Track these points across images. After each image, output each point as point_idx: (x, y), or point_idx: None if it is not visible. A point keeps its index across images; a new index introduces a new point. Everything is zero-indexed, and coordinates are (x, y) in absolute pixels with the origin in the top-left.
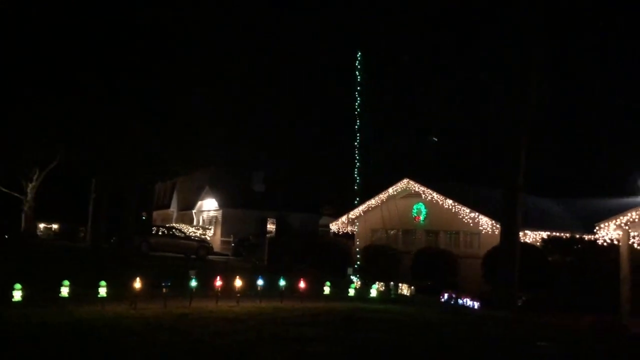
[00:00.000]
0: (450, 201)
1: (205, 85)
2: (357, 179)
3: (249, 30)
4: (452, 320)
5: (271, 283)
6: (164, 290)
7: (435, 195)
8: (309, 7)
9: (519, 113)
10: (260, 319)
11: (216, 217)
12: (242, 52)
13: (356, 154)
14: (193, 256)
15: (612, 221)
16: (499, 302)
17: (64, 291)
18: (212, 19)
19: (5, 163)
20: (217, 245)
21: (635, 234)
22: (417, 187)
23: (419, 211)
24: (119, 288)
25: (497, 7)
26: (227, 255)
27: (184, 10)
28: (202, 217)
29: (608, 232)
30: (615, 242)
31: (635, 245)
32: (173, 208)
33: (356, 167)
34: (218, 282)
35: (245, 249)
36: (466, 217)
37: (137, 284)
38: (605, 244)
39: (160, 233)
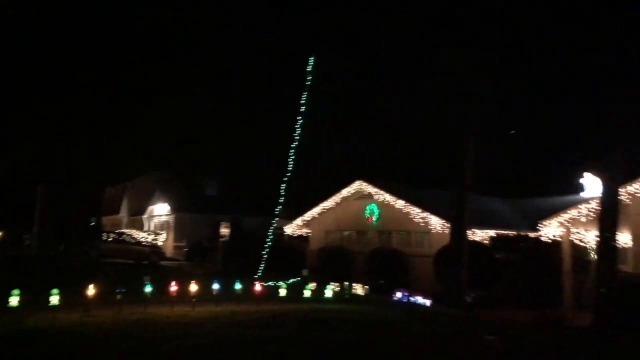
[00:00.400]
0: (401, 202)
1: (154, 91)
2: (288, 183)
3: (207, 29)
4: (406, 318)
5: (227, 287)
6: (118, 296)
7: (387, 196)
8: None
9: (464, 115)
10: (217, 323)
11: (168, 222)
12: (200, 55)
13: (293, 157)
14: (145, 262)
15: (554, 219)
16: (450, 299)
17: (14, 300)
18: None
19: None
20: (169, 250)
21: (576, 230)
22: (369, 188)
23: (372, 212)
24: (70, 296)
25: (438, 9)
26: (179, 260)
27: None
28: (154, 222)
29: (551, 230)
30: (558, 239)
31: (576, 241)
32: (123, 213)
33: (289, 172)
34: (173, 287)
35: (198, 253)
36: (417, 217)
37: (91, 290)
38: (548, 240)
39: (110, 239)
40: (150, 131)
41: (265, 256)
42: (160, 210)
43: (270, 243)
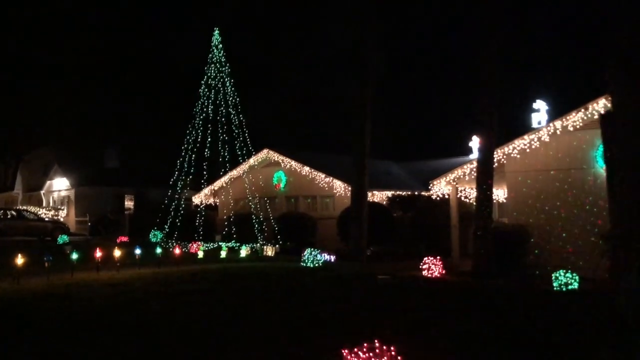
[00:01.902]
0: (307, 168)
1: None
2: (193, 154)
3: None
4: (312, 268)
5: (145, 254)
6: (46, 264)
7: (294, 164)
8: None
9: (361, 86)
10: (143, 282)
11: (68, 196)
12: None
13: (196, 128)
14: (48, 238)
15: (443, 178)
16: (351, 254)
17: None
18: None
19: None
20: (72, 225)
21: (462, 188)
22: (276, 156)
23: (280, 179)
24: None
25: None
26: (84, 235)
27: None
28: (53, 197)
29: (440, 188)
30: (447, 197)
31: (463, 198)
32: (18, 190)
33: (192, 143)
34: (98, 253)
35: (104, 227)
36: (322, 182)
37: (19, 259)
38: (438, 198)
39: (9, 216)
40: (42, 104)
41: (174, 225)
42: (60, 185)
43: (178, 213)
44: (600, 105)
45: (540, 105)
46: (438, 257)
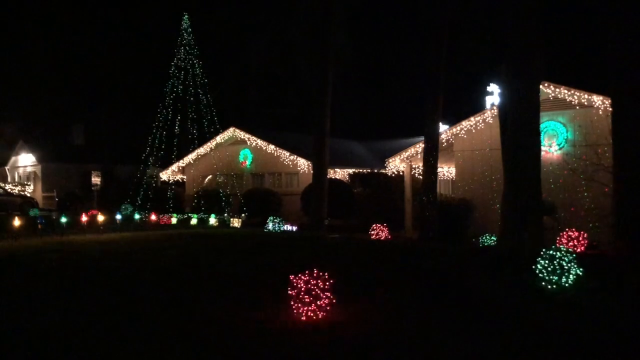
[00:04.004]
0: (272, 146)
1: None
2: (159, 131)
3: None
4: (273, 233)
5: (122, 222)
6: (40, 226)
7: (260, 142)
8: None
9: (322, 66)
10: (126, 241)
11: (35, 172)
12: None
13: (165, 106)
14: (17, 213)
15: (397, 156)
16: (312, 226)
17: None
18: None
19: None
20: (39, 201)
21: (416, 165)
22: (242, 134)
23: (246, 157)
24: None
25: None
26: (53, 210)
27: None
28: (18, 172)
29: (395, 165)
30: (402, 174)
31: (417, 175)
32: None
33: (160, 121)
34: (84, 218)
35: (72, 202)
36: (287, 160)
37: (17, 221)
38: (393, 175)
39: None
40: (7, 77)
41: (145, 199)
42: (25, 160)
43: (145, 188)
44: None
45: (494, 88)
46: (385, 224)
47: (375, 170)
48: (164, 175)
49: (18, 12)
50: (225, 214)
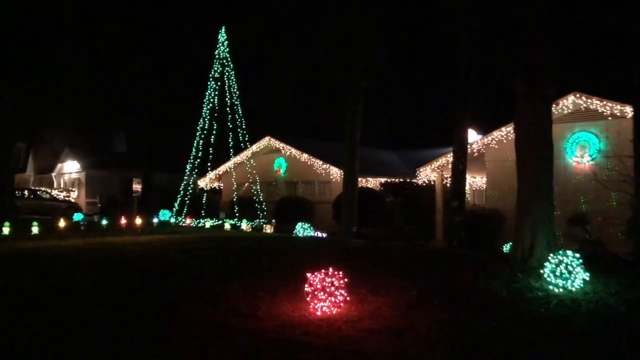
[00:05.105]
0: (306, 155)
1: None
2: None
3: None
4: (301, 239)
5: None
6: (82, 227)
7: (294, 151)
8: None
9: (356, 77)
10: (162, 242)
11: (79, 178)
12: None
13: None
14: (62, 217)
15: (428, 166)
16: (342, 233)
17: (6, 230)
18: None
19: None
20: (82, 206)
21: (447, 175)
22: (277, 143)
23: (280, 165)
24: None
25: None
26: (96, 215)
27: None
28: (64, 179)
29: (427, 175)
30: (433, 183)
31: (447, 184)
32: (29, 172)
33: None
34: (123, 221)
35: (113, 208)
36: (320, 169)
37: (62, 222)
38: (424, 184)
39: (25, 196)
40: (55, 88)
41: (182, 205)
42: (70, 167)
43: (184, 195)
44: (570, 101)
45: None
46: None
47: (407, 180)
48: (202, 183)
49: (61, 23)
50: (258, 220)
